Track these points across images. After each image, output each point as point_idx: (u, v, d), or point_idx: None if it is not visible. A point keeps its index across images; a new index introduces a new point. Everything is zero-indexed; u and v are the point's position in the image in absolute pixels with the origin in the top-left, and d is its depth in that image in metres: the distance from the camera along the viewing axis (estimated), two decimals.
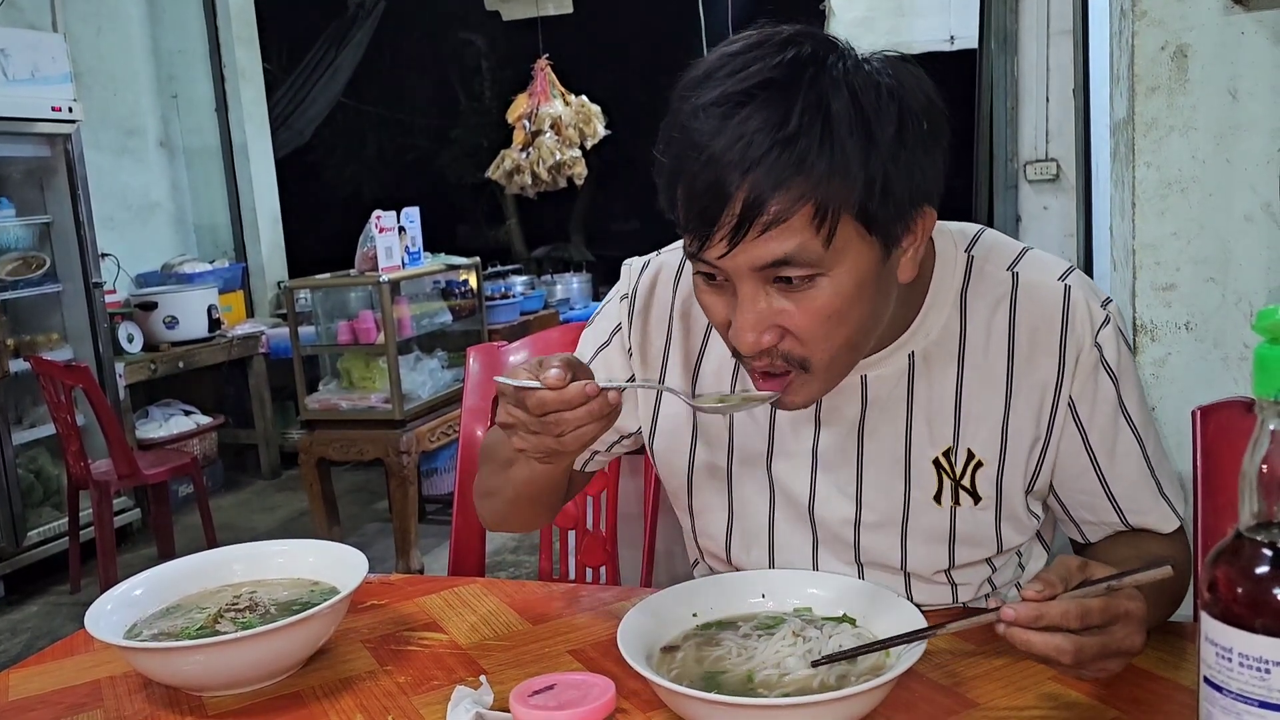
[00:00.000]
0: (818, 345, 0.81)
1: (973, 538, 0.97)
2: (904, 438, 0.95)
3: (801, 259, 0.77)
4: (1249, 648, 0.54)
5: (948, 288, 0.93)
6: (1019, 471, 0.95)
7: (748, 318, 0.80)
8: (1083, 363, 0.91)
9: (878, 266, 0.80)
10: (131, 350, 4.35)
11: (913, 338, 0.93)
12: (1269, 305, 0.57)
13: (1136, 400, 0.95)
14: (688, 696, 0.73)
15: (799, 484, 0.99)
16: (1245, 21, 1.63)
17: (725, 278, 0.81)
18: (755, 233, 0.76)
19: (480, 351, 1.51)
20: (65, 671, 0.98)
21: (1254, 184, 1.66)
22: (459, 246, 4.35)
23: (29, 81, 3.74)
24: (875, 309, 0.83)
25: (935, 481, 0.95)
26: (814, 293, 0.79)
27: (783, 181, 0.74)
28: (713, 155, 0.75)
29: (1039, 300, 0.92)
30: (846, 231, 0.77)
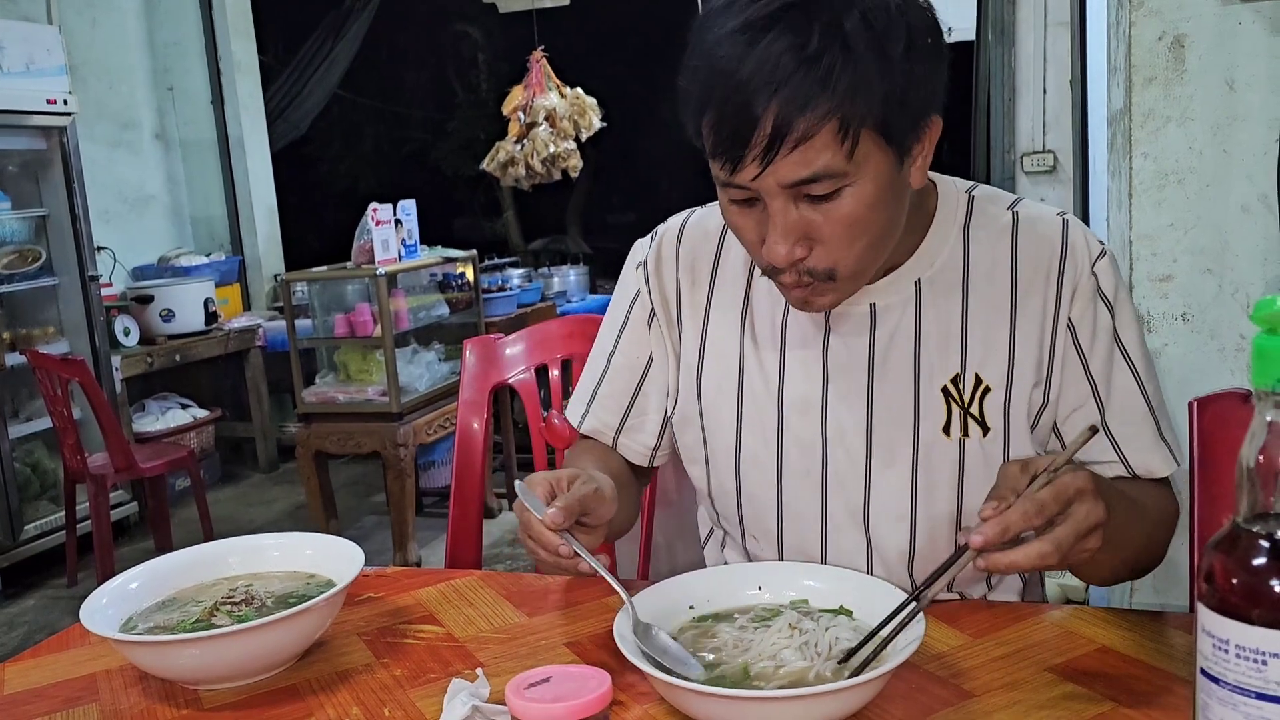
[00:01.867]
0: (843, 253, 0.87)
1: (980, 478, 0.97)
2: (913, 367, 0.97)
3: (828, 174, 0.82)
4: (1245, 639, 0.54)
5: (951, 219, 0.98)
6: (1024, 399, 0.96)
7: (780, 229, 0.85)
8: (1081, 288, 0.95)
9: (894, 174, 0.85)
10: (128, 343, 4.34)
11: (917, 264, 0.97)
12: (1267, 296, 0.56)
13: (1134, 338, 0.97)
14: (684, 689, 0.73)
15: (809, 419, 1.00)
16: (1243, 12, 1.63)
17: (755, 197, 0.85)
18: (786, 151, 0.80)
19: (477, 344, 1.51)
20: (61, 665, 0.98)
21: (1251, 175, 1.65)
22: (456, 239, 4.35)
23: (24, 74, 3.73)
24: (893, 214, 0.89)
25: (944, 411, 0.96)
26: (839, 203, 0.84)
27: (810, 100, 0.78)
28: (741, 80, 0.79)
29: (1039, 232, 0.97)
30: (867, 144, 0.82)
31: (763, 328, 1.03)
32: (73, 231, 3.96)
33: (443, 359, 3.89)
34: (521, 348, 1.53)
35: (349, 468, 4.88)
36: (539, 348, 1.53)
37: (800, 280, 0.89)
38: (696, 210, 1.12)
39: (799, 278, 0.88)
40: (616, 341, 1.12)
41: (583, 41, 6.60)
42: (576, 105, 4.95)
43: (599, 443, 1.15)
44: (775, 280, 0.92)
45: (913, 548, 1.01)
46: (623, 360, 1.12)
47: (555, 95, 4.91)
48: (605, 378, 1.13)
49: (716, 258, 1.07)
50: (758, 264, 0.92)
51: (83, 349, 3.98)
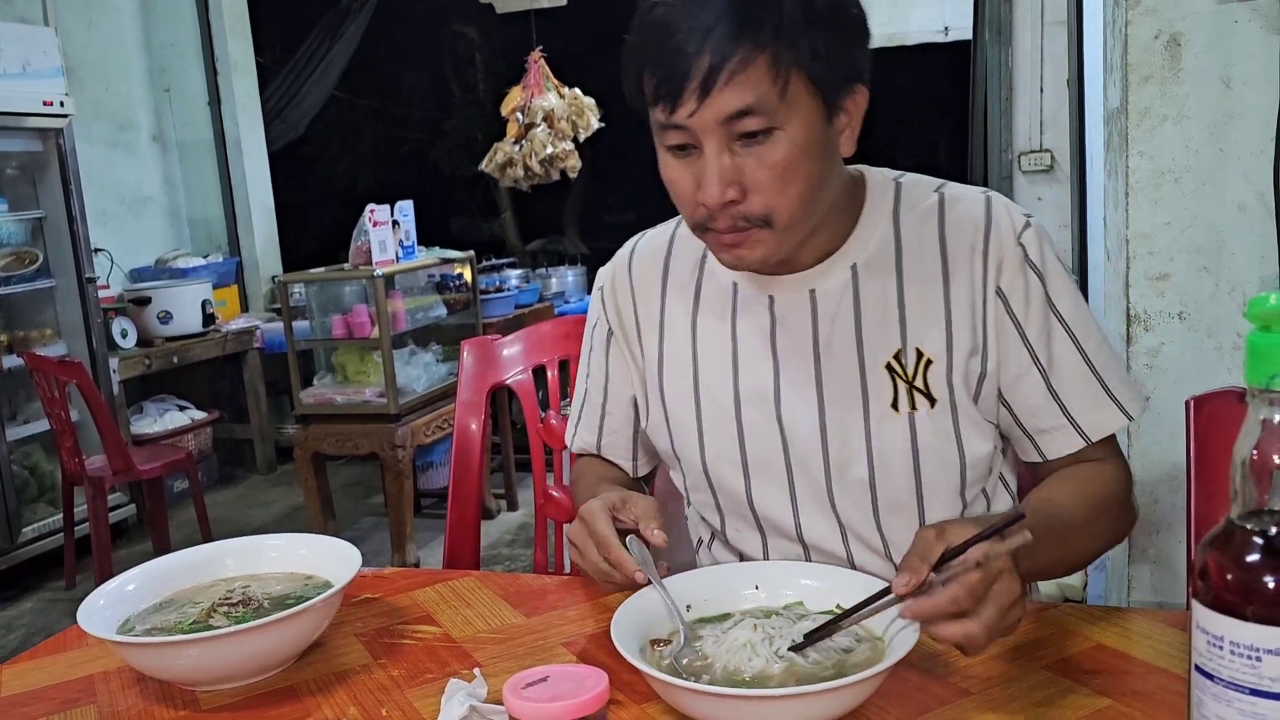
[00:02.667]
0: (777, 198, 0.90)
1: (935, 450, 0.99)
2: (855, 348, 1.00)
3: (762, 108, 0.86)
4: (1240, 635, 0.54)
5: (881, 205, 1.02)
6: (964, 370, 0.98)
7: (714, 170, 0.88)
8: (1008, 259, 0.97)
9: (823, 127, 0.90)
10: (125, 345, 4.34)
11: (852, 249, 1.01)
12: (1261, 294, 0.56)
13: (1069, 301, 0.99)
14: (681, 688, 0.73)
15: (764, 411, 1.03)
16: (1239, 10, 1.63)
17: (692, 143, 0.89)
18: (723, 82, 0.85)
19: (474, 345, 1.51)
20: (59, 667, 0.98)
21: (1247, 173, 1.65)
22: (454, 239, 4.34)
23: (20, 76, 3.73)
24: (823, 170, 0.92)
25: (890, 387, 0.99)
26: (772, 145, 0.88)
27: (743, 35, 0.84)
28: (678, 26, 0.86)
29: (963, 210, 1.00)
30: (798, 86, 0.87)
31: (713, 328, 1.07)
32: (70, 233, 3.95)
33: (440, 360, 3.88)
34: (519, 348, 1.53)
35: (347, 469, 4.88)
36: (536, 348, 1.53)
37: (734, 225, 0.91)
38: (648, 231, 1.18)
39: (733, 223, 0.91)
40: (587, 365, 1.20)
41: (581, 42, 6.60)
42: (574, 106, 4.95)
43: (595, 457, 1.22)
44: (708, 235, 0.95)
45: (879, 524, 1.02)
46: (592, 383, 1.19)
47: (553, 96, 4.90)
48: (584, 400, 1.21)
49: (665, 269, 1.12)
50: (692, 220, 0.95)
51: (80, 351, 3.98)
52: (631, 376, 1.15)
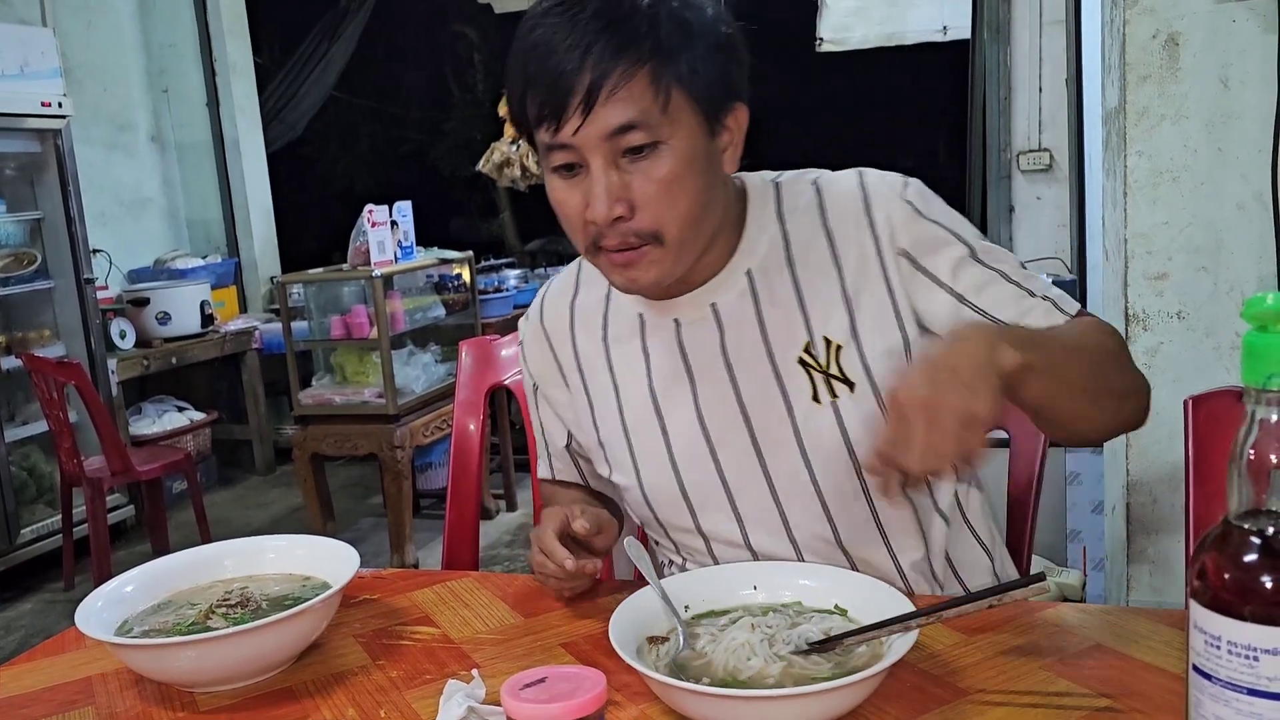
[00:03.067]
0: (665, 213, 0.90)
1: (867, 434, 0.97)
2: (765, 349, 1.00)
3: (645, 122, 0.87)
4: (1237, 635, 0.54)
5: (764, 209, 1.02)
6: (877, 347, 0.97)
7: (600, 188, 0.88)
8: (899, 219, 0.98)
9: (706, 142, 0.91)
10: (124, 346, 4.34)
11: (743, 257, 1.01)
12: (1257, 294, 0.56)
13: (972, 237, 0.99)
14: (677, 688, 0.73)
15: (692, 434, 1.03)
16: (1236, 9, 1.63)
17: (579, 162, 0.90)
18: (605, 97, 0.86)
19: (472, 345, 1.51)
20: (57, 668, 0.98)
21: (1245, 173, 1.65)
22: (452, 240, 4.34)
23: (18, 77, 3.72)
24: (709, 186, 0.93)
25: (808, 381, 0.99)
26: (657, 160, 0.89)
27: (622, 51, 0.85)
28: (556, 46, 0.86)
29: (839, 191, 1.01)
30: (679, 101, 0.88)
31: (627, 361, 1.07)
32: (68, 234, 3.95)
33: (439, 360, 3.88)
34: (517, 349, 1.52)
35: (346, 470, 4.88)
36: None
37: (625, 242, 0.91)
38: (555, 277, 1.17)
39: (623, 240, 0.91)
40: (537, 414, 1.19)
41: None
42: None
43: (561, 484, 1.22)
44: (600, 258, 0.94)
45: (831, 521, 1.01)
46: (538, 431, 1.20)
47: None
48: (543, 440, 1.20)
49: (572, 310, 1.12)
50: (584, 242, 0.94)
51: (79, 352, 3.98)
52: (562, 427, 1.15)
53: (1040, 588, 0.75)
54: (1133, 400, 0.95)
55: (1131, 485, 1.75)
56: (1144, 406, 0.96)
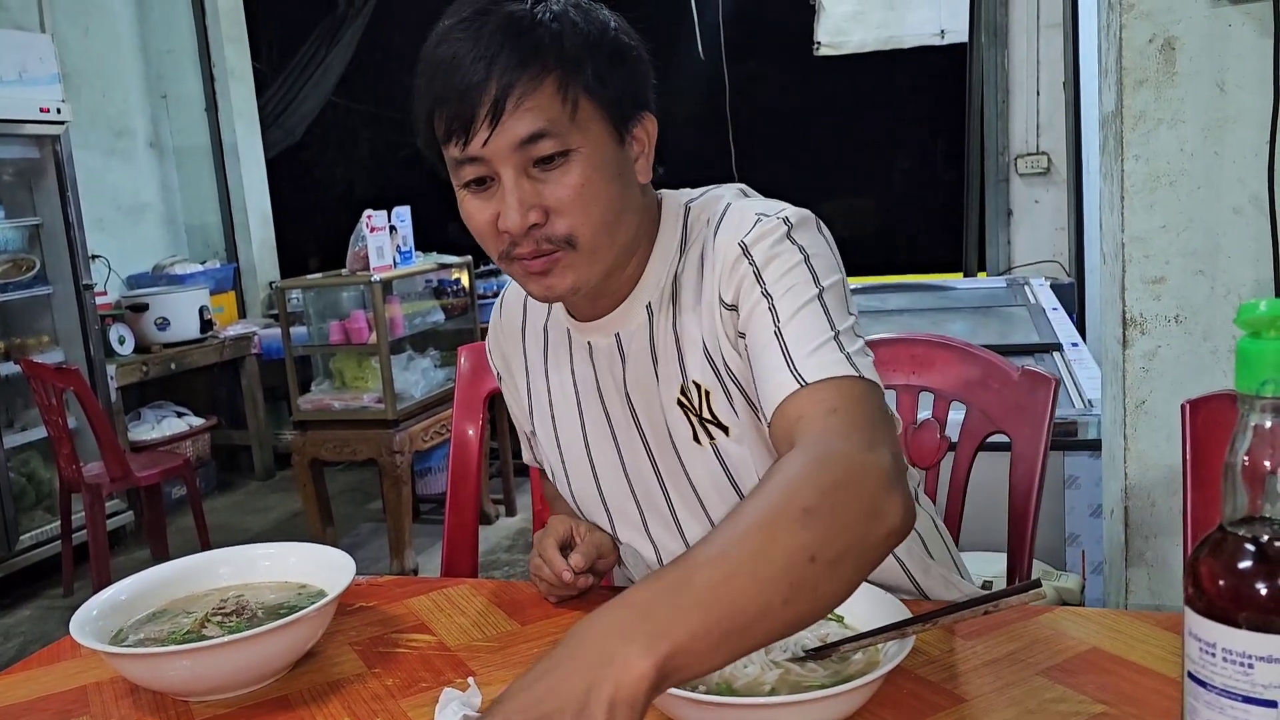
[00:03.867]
0: (578, 219, 0.89)
1: (749, 473, 0.96)
2: (655, 387, 0.99)
3: (554, 130, 0.86)
4: (1232, 643, 0.54)
5: (670, 238, 1.00)
6: (738, 392, 0.95)
7: (513, 198, 0.88)
8: (728, 264, 0.92)
9: (616, 149, 0.91)
10: (123, 352, 4.34)
11: (645, 287, 1.00)
12: (1250, 299, 0.56)
13: (778, 276, 0.89)
14: (673, 696, 0.73)
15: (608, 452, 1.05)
16: (1232, 14, 1.63)
17: (489, 175, 0.89)
18: (512, 107, 0.85)
19: (471, 350, 1.51)
20: (52, 678, 0.98)
21: (1242, 176, 1.65)
22: (452, 244, 4.33)
23: (16, 83, 3.72)
24: (621, 193, 0.92)
25: (686, 423, 0.98)
26: (568, 168, 0.88)
27: (527, 61, 0.85)
28: (461, 59, 0.86)
29: (726, 226, 0.94)
30: (587, 111, 0.88)
31: (559, 373, 1.08)
32: (67, 240, 3.95)
33: (438, 365, 3.88)
34: None
35: (345, 475, 4.88)
36: None
37: (539, 249, 0.90)
38: (512, 287, 1.15)
39: (537, 246, 0.89)
40: None
41: None
42: None
43: None
44: (515, 266, 0.92)
45: None
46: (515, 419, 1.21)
47: None
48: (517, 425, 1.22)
49: (524, 316, 1.13)
50: (497, 252, 0.92)
51: (77, 358, 3.98)
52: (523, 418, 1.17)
53: (1036, 594, 0.75)
54: (855, 557, 0.68)
55: (1130, 489, 1.75)
56: (889, 532, 0.70)
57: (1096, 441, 2.12)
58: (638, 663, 0.55)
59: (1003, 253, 4.88)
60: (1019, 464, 1.24)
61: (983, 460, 1.29)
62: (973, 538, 1.41)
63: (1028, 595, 0.75)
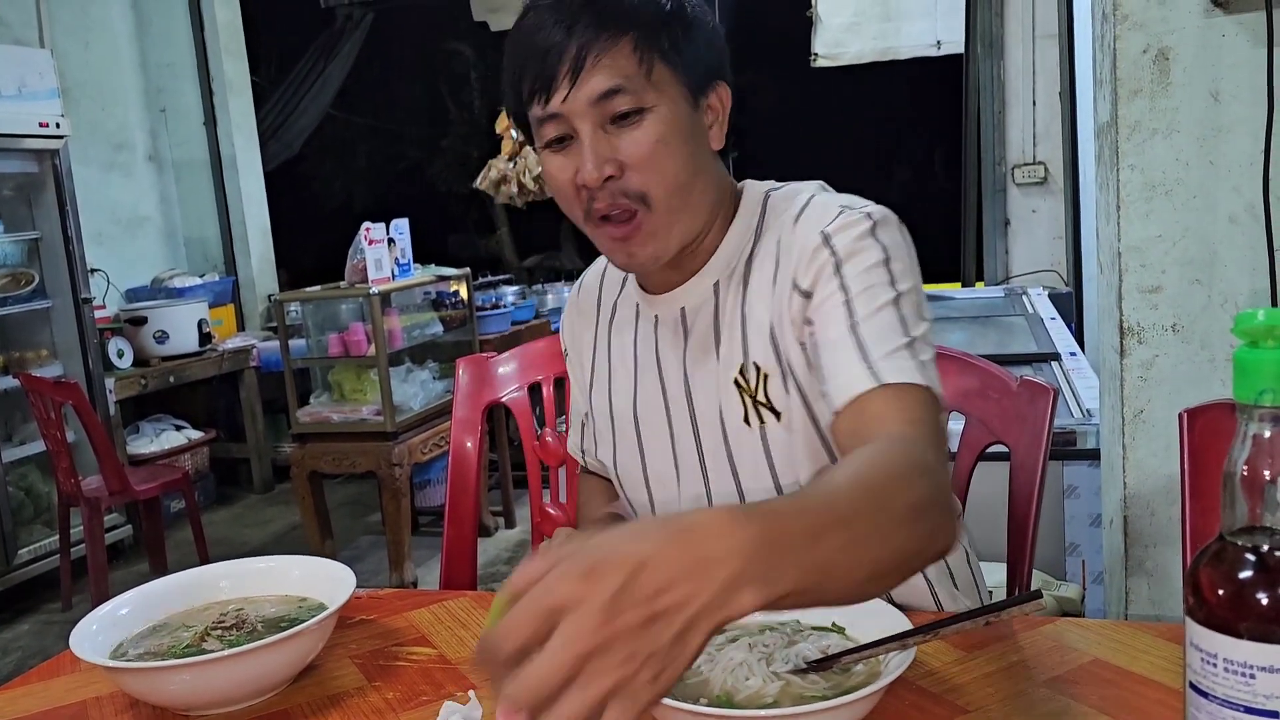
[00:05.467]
0: (652, 175, 0.93)
1: (790, 464, 0.98)
2: (715, 364, 1.02)
3: (630, 87, 0.91)
4: (1233, 653, 0.54)
5: (747, 220, 1.03)
6: (798, 378, 0.96)
7: (590, 152, 0.92)
8: (810, 254, 0.94)
9: (691, 113, 0.95)
10: (122, 365, 4.34)
11: (715, 265, 1.03)
12: (1247, 309, 0.57)
13: (858, 273, 0.91)
14: (674, 709, 0.73)
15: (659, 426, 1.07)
16: (1226, 24, 1.64)
17: (569, 133, 0.93)
18: (590, 63, 0.90)
19: (469, 363, 1.51)
20: (51, 692, 0.98)
21: (1238, 186, 1.66)
22: (450, 256, 4.36)
23: (15, 97, 3.74)
24: (695, 154, 0.96)
25: (740, 403, 1.00)
26: (643, 125, 0.92)
27: (604, 23, 0.91)
28: (543, 25, 0.92)
29: (786, 214, 1.00)
30: (661, 73, 0.93)
31: (622, 346, 1.12)
32: (65, 254, 3.96)
33: (437, 377, 3.88)
34: (514, 366, 1.53)
35: (344, 487, 4.87)
36: (531, 366, 1.53)
37: (615, 203, 0.93)
38: (596, 262, 1.21)
39: (613, 199, 0.93)
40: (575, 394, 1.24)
41: None
42: None
43: (598, 478, 1.25)
44: (597, 230, 0.97)
45: None
46: (573, 397, 1.25)
47: None
48: (573, 410, 1.25)
49: (600, 293, 1.18)
50: (578, 213, 0.97)
51: (76, 371, 3.98)
52: (583, 397, 1.21)
53: (1037, 605, 0.75)
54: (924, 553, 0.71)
55: (1129, 498, 1.75)
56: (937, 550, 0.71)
57: (1095, 451, 2.12)
58: (749, 601, 0.54)
59: (1000, 262, 4.89)
60: (1018, 474, 1.24)
61: (982, 470, 1.29)
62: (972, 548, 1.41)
63: (1029, 606, 0.75)
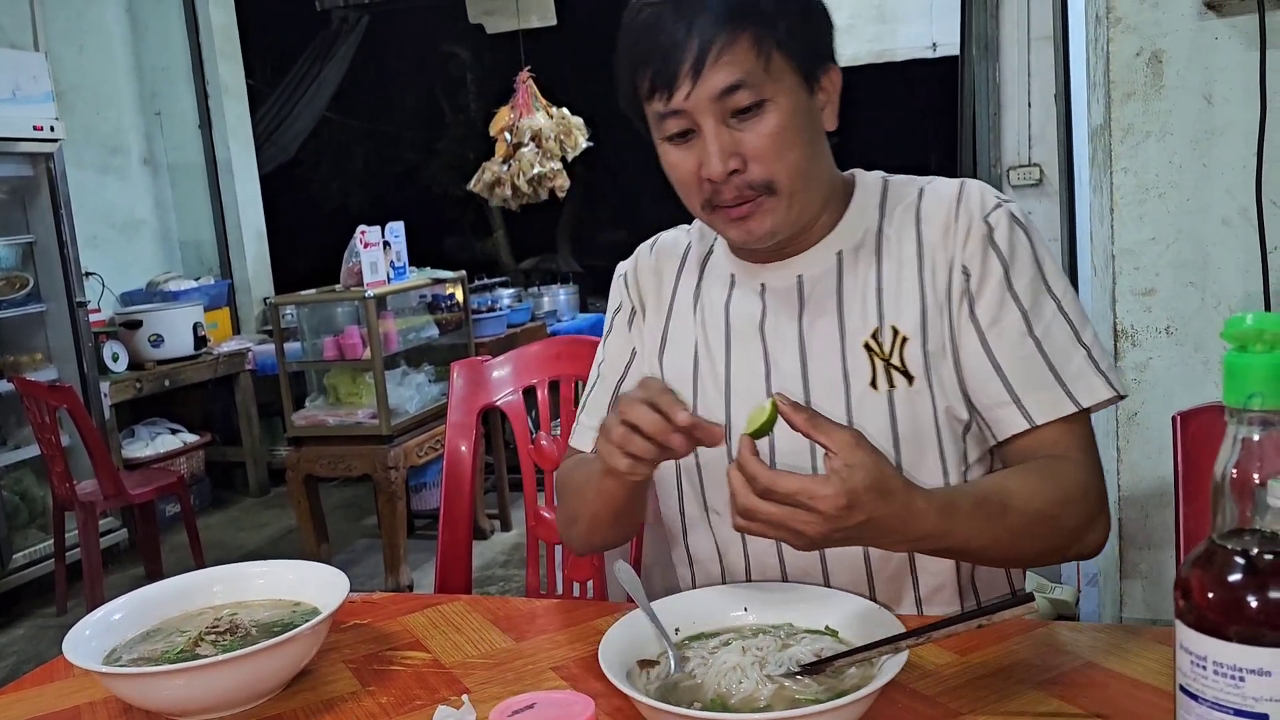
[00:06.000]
0: (775, 164, 0.96)
1: (914, 430, 1.00)
2: (838, 328, 1.04)
3: (750, 81, 0.94)
4: (1223, 656, 0.54)
5: (868, 199, 1.08)
6: (940, 345, 1.00)
7: (714, 146, 0.95)
8: (973, 233, 1.01)
9: (806, 101, 0.98)
10: (117, 369, 4.33)
11: (838, 238, 1.06)
12: (1237, 314, 0.57)
13: (1028, 284, 1.00)
14: (667, 713, 0.73)
15: (754, 391, 1.06)
16: (1219, 26, 1.64)
17: (690, 128, 0.96)
18: (712, 60, 0.93)
19: (463, 366, 1.51)
20: (45, 698, 0.97)
21: (1230, 188, 1.67)
22: (446, 259, 4.34)
23: (10, 101, 3.73)
24: (813, 139, 1.00)
25: (869, 366, 1.02)
26: (764, 117, 0.95)
27: (723, 20, 0.93)
28: (664, 22, 0.94)
29: (938, 195, 1.05)
30: (779, 63, 0.95)
31: (712, 314, 1.11)
32: (60, 257, 3.95)
33: (433, 380, 3.88)
34: (509, 369, 1.53)
35: (340, 491, 4.86)
36: (525, 369, 1.53)
37: (741, 194, 0.97)
38: (668, 230, 1.23)
39: (739, 192, 0.97)
40: (603, 352, 1.22)
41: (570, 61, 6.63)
42: (562, 125, 4.97)
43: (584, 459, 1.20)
44: (717, 215, 1.00)
45: None
46: (609, 366, 1.21)
47: (541, 115, 4.92)
48: (596, 385, 1.22)
49: (683, 258, 1.17)
50: (699, 201, 1.00)
51: (71, 375, 3.97)
52: (624, 360, 1.19)
53: (1029, 607, 0.75)
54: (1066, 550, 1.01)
55: (1123, 500, 1.75)
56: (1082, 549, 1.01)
57: None
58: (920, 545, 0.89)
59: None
60: None
61: None
62: None
63: (1021, 609, 0.75)
